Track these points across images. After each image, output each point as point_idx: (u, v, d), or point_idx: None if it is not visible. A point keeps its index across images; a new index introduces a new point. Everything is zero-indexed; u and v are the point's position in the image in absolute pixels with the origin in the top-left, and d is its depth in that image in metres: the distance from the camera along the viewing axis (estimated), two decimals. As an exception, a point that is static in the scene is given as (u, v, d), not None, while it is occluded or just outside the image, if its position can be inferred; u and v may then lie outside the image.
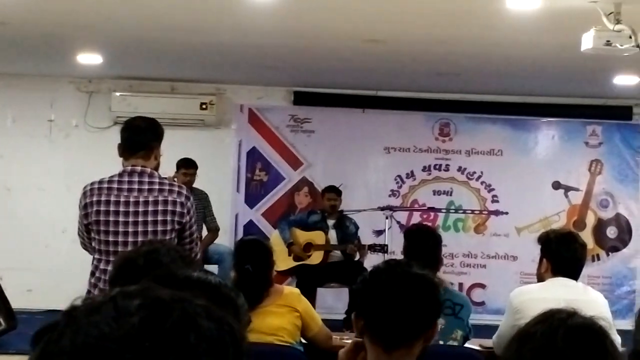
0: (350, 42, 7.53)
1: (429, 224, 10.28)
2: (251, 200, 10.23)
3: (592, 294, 4.32)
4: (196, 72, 9.73)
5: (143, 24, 7.31)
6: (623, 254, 10.36)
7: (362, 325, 2.26)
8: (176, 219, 4.23)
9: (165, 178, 4.41)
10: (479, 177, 10.32)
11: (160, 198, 4.21)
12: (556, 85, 9.57)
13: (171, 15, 6.87)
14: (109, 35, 7.89)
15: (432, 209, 10.27)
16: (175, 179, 4.52)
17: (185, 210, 4.27)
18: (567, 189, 10.33)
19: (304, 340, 4.71)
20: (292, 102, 10.38)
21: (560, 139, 10.42)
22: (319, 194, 9.72)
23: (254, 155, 10.25)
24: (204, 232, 9.27)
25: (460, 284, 10.20)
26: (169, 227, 4.21)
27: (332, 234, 9.11)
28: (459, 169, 10.33)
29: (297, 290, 4.84)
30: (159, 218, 4.18)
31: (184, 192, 4.32)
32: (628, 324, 10.23)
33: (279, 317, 4.51)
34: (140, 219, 4.17)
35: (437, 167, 10.34)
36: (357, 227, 9.21)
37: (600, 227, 10.37)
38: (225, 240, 9.81)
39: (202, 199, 9.20)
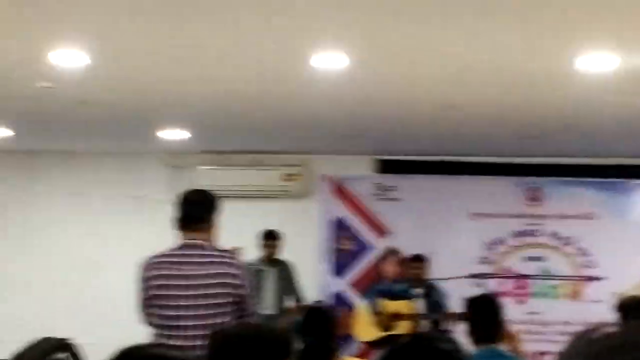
0: (428, 108, 7.47)
1: (522, 291, 10.03)
2: (338, 270, 10.15)
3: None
4: (280, 143, 9.79)
5: (224, 99, 7.38)
6: None
7: None
8: (232, 291, 4.18)
9: (225, 251, 4.38)
10: (572, 241, 10.02)
11: (217, 271, 4.17)
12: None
13: (250, 89, 6.92)
14: (192, 112, 8.00)
15: (524, 275, 10.01)
16: (238, 251, 4.46)
17: (240, 282, 4.22)
18: (665, 251, 9.95)
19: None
20: (376, 170, 10.32)
21: (655, 200, 10.08)
22: (406, 262, 9.56)
23: (339, 225, 10.18)
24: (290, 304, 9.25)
25: (556, 354, 9.83)
26: (225, 300, 4.16)
27: (420, 303, 8.93)
28: (551, 234, 10.06)
29: None
30: (216, 291, 4.14)
31: (240, 264, 4.28)
32: None
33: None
34: (198, 292, 4.13)
35: (528, 232, 10.09)
36: (444, 296, 9.00)
37: (702, 291, 9.91)
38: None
39: (286, 268, 9.17)
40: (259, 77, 6.42)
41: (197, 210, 4.30)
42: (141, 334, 10.43)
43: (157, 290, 4.18)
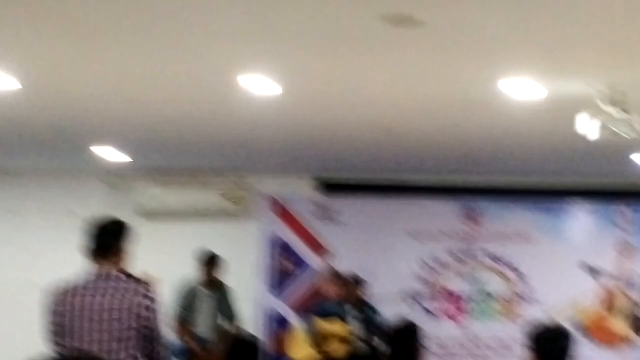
0: (364, 133, 7.58)
1: (458, 310, 10.14)
2: (277, 290, 10.17)
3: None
4: (220, 163, 9.81)
5: (157, 120, 7.42)
6: (659, 338, 10.06)
7: None
8: (142, 323, 4.21)
9: (137, 280, 4.40)
10: (507, 261, 10.16)
11: (126, 301, 4.19)
12: (580, 168, 9.46)
13: (181, 111, 6.97)
14: (127, 132, 8.02)
15: (460, 295, 10.13)
16: (151, 280, 4.48)
17: (150, 314, 4.24)
18: (597, 271, 10.12)
19: None
20: (317, 190, 10.38)
21: (589, 222, 10.26)
22: (343, 283, 9.61)
23: (279, 245, 10.22)
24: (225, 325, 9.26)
25: (493, 372, 9.98)
26: (133, 330, 4.19)
27: (355, 324, 8.98)
28: (487, 254, 10.19)
29: None
30: (124, 321, 4.17)
31: (150, 294, 4.30)
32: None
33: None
34: (105, 321, 4.15)
35: (465, 252, 10.21)
36: (379, 316, 9.07)
37: (633, 311, 10.10)
38: (251, 332, 9.74)
39: (223, 291, 9.18)
40: (189, 100, 6.47)
41: (108, 239, 4.32)
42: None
43: (63, 321, 4.20)
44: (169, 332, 8.90)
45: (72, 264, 9.88)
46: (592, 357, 10.03)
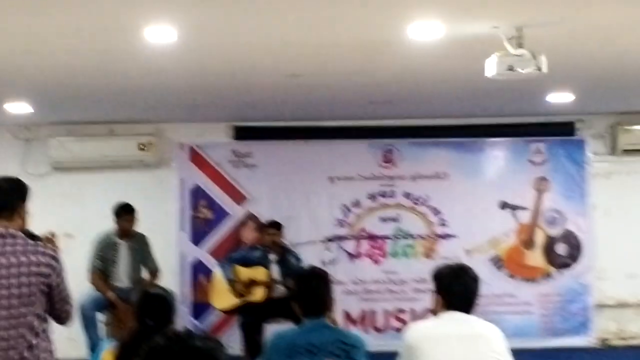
0: (272, 77, 7.52)
1: (378, 251, 10.24)
2: (197, 238, 10.15)
3: (486, 328, 4.24)
4: (134, 113, 9.67)
5: (63, 72, 7.26)
6: (574, 271, 10.30)
7: None
8: (42, 280, 4.16)
9: (36, 238, 4.34)
10: (426, 201, 10.26)
11: (24, 260, 4.13)
12: (496, 105, 9.55)
13: (85, 63, 6.84)
14: (36, 85, 7.85)
15: (379, 236, 10.22)
16: (52, 237, 4.41)
17: (51, 271, 4.19)
18: (515, 208, 10.29)
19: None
20: (233, 137, 10.32)
21: (504, 159, 10.39)
22: (262, 228, 9.63)
23: (197, 193, 10.17)
24: (145, 275, 9.23)
25: (413, 310, 10.12)
26: (34, 290, 4.14)
27: (275, 269, 9.03)
28: (405, 195, 10.28)
29: None
30: (23, 281, 4.11)
31: (50, 252, 4.23)
32: (583, 341, 10.20)
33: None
34: (3, 282, 4.09)
35: (383, 194, 10.28)
36: (299, 260, 9.11)
37: (550, 245, 10.31)
38: (173, 281, 9.73)
39: (140, 241, 9.13)
40: (92, 51, 6.35)
41: (4, 197, 4.23)
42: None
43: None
44: (90, 285, 8.88)
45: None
46: (511, 291, 10.26)
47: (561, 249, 10.32)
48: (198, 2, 5.18)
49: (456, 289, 4.23)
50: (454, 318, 4.20)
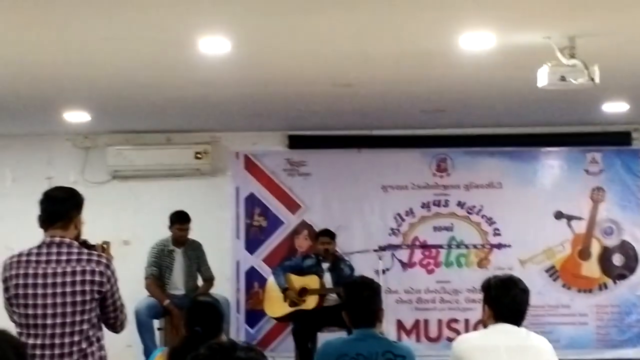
0: (325, 86, 7.59)
1: (431, 260, 10.24)
2: (251, 246, 10.23)
3: (535, 340, 4.24)
4: (190, 122, 9.81)
5: (121, 83, 7.42)
6: (630, 282, 10.18)
7: None
8: (95, 288, 4.25)
9: (91, 246, 4.43)
10: (480, 211, 10.23)
11: (78, 268, 4.23)
12: (550, 114, 9.49)
13: (143, 75, 6.98)
14: (95, 95, 8.02)
15: (433, 245, 10.22)
16: (106, 246, 4.51)
17: (104, 279, 4.28)
18: (570, 218, 10.20)
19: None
20: (287, 146, 10.39)
21: (560, 168, 10.31)
22: (315, 237, 9.68)
23: (252, 201, 10.26)
24: (200, 282, 9.34)
25: (467, 320, 10.09)
26: (88, 297, 4.23)
27: (327, 278, 9.08)
28: (459, 204, 10.26)
29: None
30: (78, 289, 4.21)
31: (104, 260, 4.33)
32: (639, 353, 10.08)
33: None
34: (58, 290, 4.19)
35: (436, 203, 10.27)
36: (352, 269, 9.16)
37: (606, 255, 10.21)
38: (227, 289, 9.83)
39: (195, 249, 9.24)
40: (149, 62, 6.48)
41: (60, 207, 4.34)
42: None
43: (18, 290, 4.23)
44: (145, 292, 9.00)
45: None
46: (566, 302, 10.18)
47: (617, 259, 10.22)
48: (251, 14, 5.27)
49: (505, 301, 4.23)
50: (503, 330, 4.21)
